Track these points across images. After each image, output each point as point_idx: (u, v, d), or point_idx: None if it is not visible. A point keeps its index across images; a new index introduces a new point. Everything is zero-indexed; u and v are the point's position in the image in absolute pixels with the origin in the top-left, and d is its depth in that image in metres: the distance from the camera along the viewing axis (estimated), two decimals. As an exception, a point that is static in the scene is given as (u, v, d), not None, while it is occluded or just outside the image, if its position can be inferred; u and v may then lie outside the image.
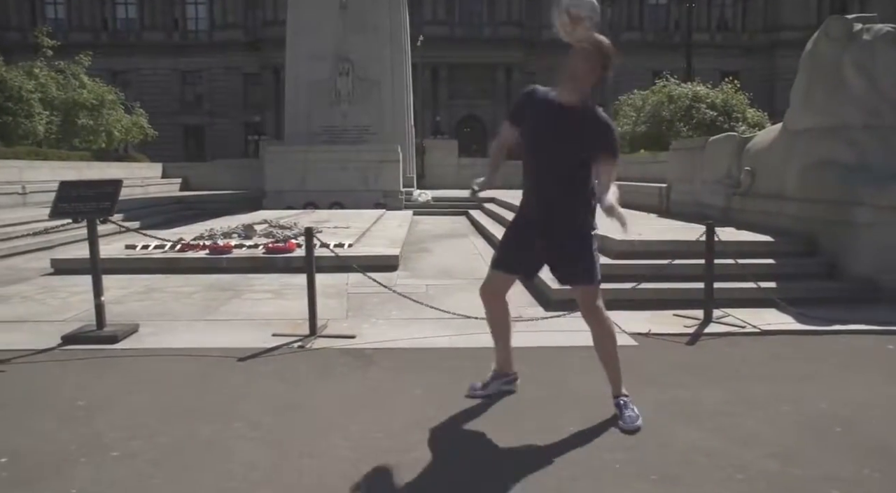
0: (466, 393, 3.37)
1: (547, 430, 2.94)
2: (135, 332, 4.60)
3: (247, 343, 4.33)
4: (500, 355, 3.44)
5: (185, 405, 3.25)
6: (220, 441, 2.79)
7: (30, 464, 2.59)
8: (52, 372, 3.82)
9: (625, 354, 4.16)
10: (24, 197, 12.75)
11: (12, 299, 5.87)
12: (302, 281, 6.50)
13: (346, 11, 17.22)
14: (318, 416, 3.11)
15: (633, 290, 5.38)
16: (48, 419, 3.07)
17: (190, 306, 5.53)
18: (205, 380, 3.64)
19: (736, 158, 7.97)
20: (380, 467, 2.58)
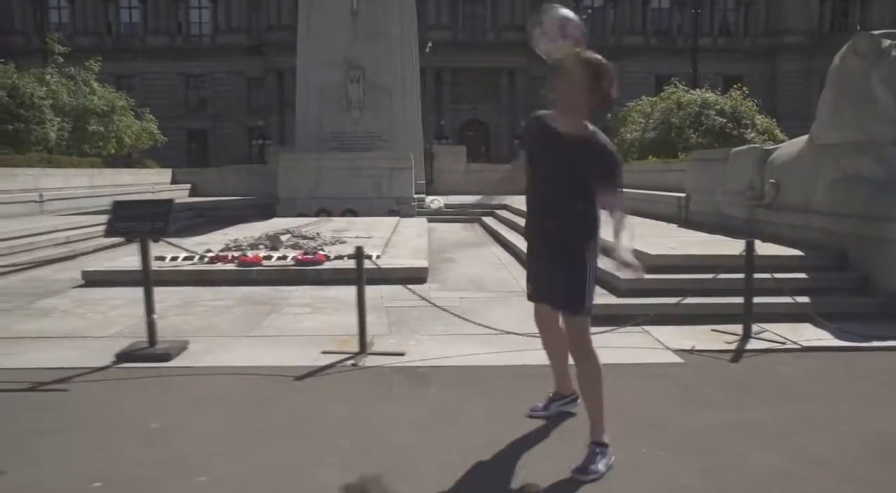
0: (527, 413, 3.42)
1: (615, 451, 3.00)
2: (185, 349, 4.66)
3: (298, 361, 4.38)
4: (557, 377, 3.44)
5: (256, 428, 3.30)
6: (302, 466, 2.85)
7: (122, 489, 2.65)
8: (114, 392, 3.86)
9: (672, 371, 4.28)
10: (41, 205, 12.78)
11: (52, 313, 5.91)
12: (335, 294, 6.63)
13: (358, 19, 17.30)
14: (391, 438, 3.17)
15: (666, 304, 5.43)
16: (126, 442, 3.12)
17: (231, 321, 5.59)
18: (267, 401, 3.69)
19: (759, 169, 8.04)
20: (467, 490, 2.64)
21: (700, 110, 17.54)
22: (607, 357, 4.42)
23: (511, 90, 39.96)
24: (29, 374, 4.13)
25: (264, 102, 40.03)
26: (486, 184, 21.66)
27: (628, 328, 5.05)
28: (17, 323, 5.53)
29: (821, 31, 39.41)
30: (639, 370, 4.25)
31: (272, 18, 39.65)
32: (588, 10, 42.18)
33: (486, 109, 40.27)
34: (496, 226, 13.21)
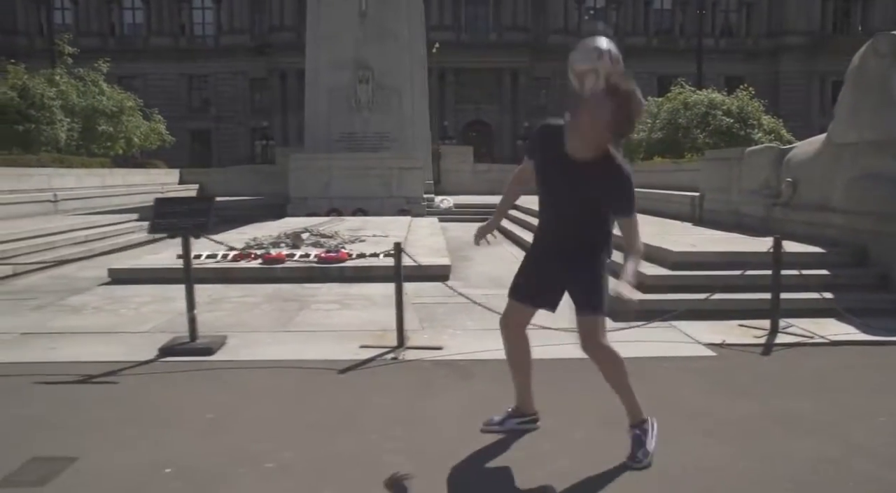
0: (481, 427, 3.21)
1: (667, 441, 3.09)
2: (224, 344, 4.74)
3: (338, 355, 4.46)
4: (518, 392, 3.24)
5: (309, 418, 3.38)
6: (365, 454, 2.93)
7: (194, 475, 2.73)
8: (164, 384, 3.95)
9: (706, 364, 4.37)
10: (55, 205, 12.86)
11: (84, 309, 5.99)
12: (361, 291, 6.72)
13: (366, 20, 17.40)
14: (444, 428, 3.26)
15: (694, 300, 5.52)
16: (186, 431, 3.20)
17: (262, 317, 5.67)
18: (316, 393, 3.78)
19: (775, 168, 8.14)
20: (533, 477, 2.73)
21: (707, 111, 17.62)
22: (642, 351, 4.57)
23: (514, 90, 40.07)
24: (75, 367, 4.21)
25: (267, 102, 40.12)
26: (493, 184, 21.75)
27: (657, 323, 5.14)
28: (53, 319, 5.61)
29: (823, 32, 39.56)
30: (675, 363, 4.35)
31: (275, 19, 39.74)
32: (590, 10, 42.36)
33: (489, 109, 40.37)
34: (508, 225, 13.29)
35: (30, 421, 3.34)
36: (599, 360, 2.92)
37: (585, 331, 2.89)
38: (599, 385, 3.05)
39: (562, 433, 3.20)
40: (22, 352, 4.64)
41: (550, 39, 40.37)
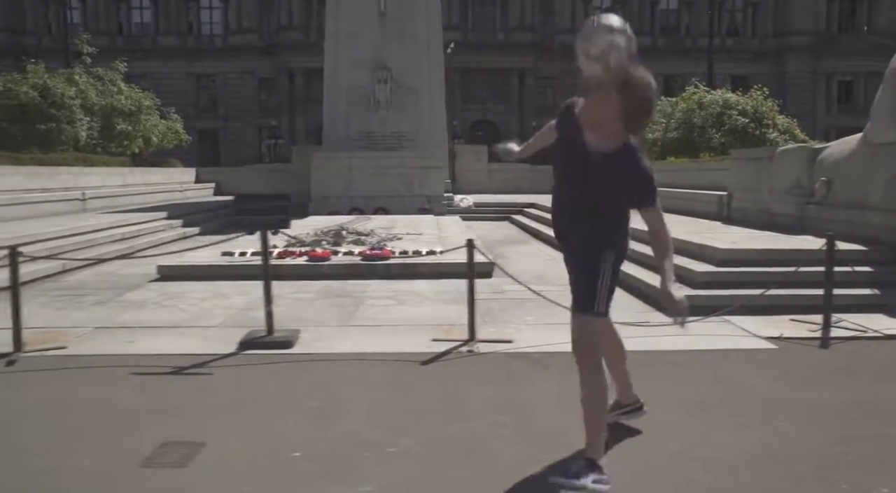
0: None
1: (756, 426, 3.24)
2: (299, 337, 4.88)
3: (412, 348, 4.61)
4: (616, 386, 3.15)
5: (410, 407, 3.53)
6: (476, 439, 3.08)
7: (323, 458, 2.88)
8: (254, 375, 4.10)
9: (770, 356, 4.53)
10: (83, 203, 12.98)
11: (146, 305, 6.14)
12: (410, 288, 6.88)
13: (385, 20, 17.51)
14: (544, 414, 3.41)
15: (747, 296, 5.66)
16: (295, 419, 3.35)
17: (322, 313, 5.82)
18: (407, 383, 3.93)
19: (807, 168, 8.29)
20: (642, 458, 2.88)
21: (722, 111, 17.79)
22: (703, 344, 4.73)
23: (521, 90, 40.22)
24: (162, 359, 4.36)
25: (275, 102, 40.24)
26: (507, 183, 21.89)
27: (711, 318, 5.29)
28: (120, 314, 5.76)
29: (828, 32, 39.72)
30: (740, 355, 4.50)
31: (283, 19, 39.85)
32: (596, 10, 42.46)
33: (495, 109, 40.50)
34: (531, 223, 13.47)
35: (145, 409, 3.48)
36: (582, 369, 2.73)
37: (574, 329, 2.76)
38: (671, 378, 3.20)
39: (655, 420, 3.34)
40: (103, 345, 4.78)
41: (557, 39, 40.47)
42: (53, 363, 4.34)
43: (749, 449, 3.00)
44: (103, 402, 3.60)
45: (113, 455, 2.89)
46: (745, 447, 3.02)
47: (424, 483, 2.66)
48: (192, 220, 13.09)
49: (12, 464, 2.84)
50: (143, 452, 2.92)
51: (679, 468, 2.83)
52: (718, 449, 3.00)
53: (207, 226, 13.19)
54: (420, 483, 2.66)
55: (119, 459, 2.85)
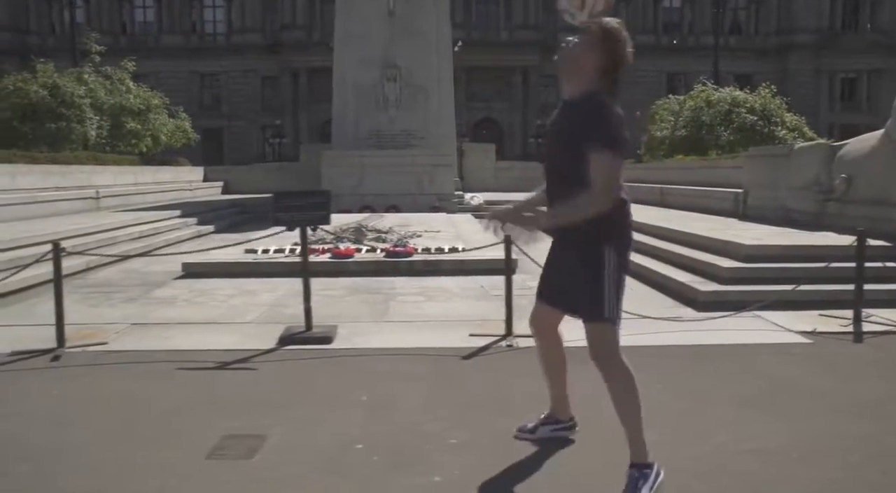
0: (514, 434, 3.06)
1: (803, 418, 3.28)
2: (336, 333, 4.92)
3: (452, 343, 4.66)
4: (552, 396, 3.06)
5: (462, 400, 3.57)
6: (533, 431, 3.12)
7: (386, 450, 2.92)
8: (299, 370, 4.14)
9: (806, 350, 4.57)
10: (97, 201, 13.02)
11: (176, 302, 6.18)
12: (437, 284, 6.93)
13: (394, 18, 17.56)
14: (594, 407, 3.44)
15: (778, 291, 5.69)
16: (350, 412, 3.39)
17: (355, 309, 5.86)
18: (452, 377, 3.97)
19: (826, 165, 8.34)
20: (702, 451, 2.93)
21: (730, 109, 17.85)
22: (738, 338, 4.78)
23: (524, 89, 40.27)
24: (204, 355, 4.40)
25: (279, 101, 40.26)
26: (515, 181, 21.99)
27: (743, 313, 5.33)
28: (153, 311, 5.80)
29: (832, 30, 39.77)
30: (776, 349, 4.54)
31: (286, 18, 39.88)
32: (599, 9, 42.50)
33: (499, 107, 40.56)
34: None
35: (198, 403, 3.53)
36: (606, 375, 2.60)
37: (589, 340, 2.60)
38: (712, 371, 3.24)
39: (701, 413, 3.39)
40: (143, 341, 4.83)
41: (561, 38, 40.46)
42: (97, 359, 4.38)
43: (800, 441, 3.04)
44: (156, 396, 3.64)
45: (179, 448, 2.93)
46: (795, 439, 3.06)
47: (491, 474, 2.70)
48: (206, 218, 13.14)
49: (83, 456, 2.89)
50: (207, 444, 2.96)
51: (731, 459, 2.87)
52: (769, 441, 3.04)
53: (221, 224, 13.25)
54: (487, 474, 2.70)
55: (186, 451, 2.89)
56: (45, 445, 3.00)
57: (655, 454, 2.87)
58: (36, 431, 3.17)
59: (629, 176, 16.03)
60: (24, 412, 3.42)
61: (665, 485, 2.53)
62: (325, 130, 38.99)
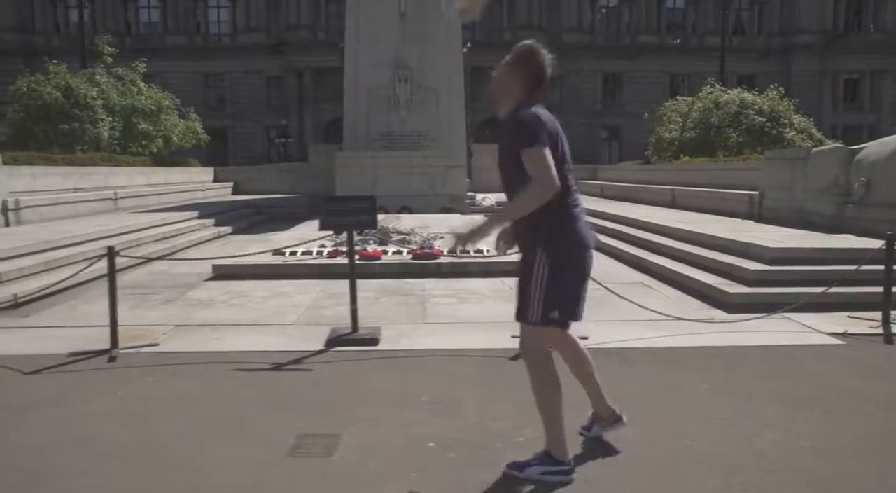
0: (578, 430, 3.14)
1: (855, 416, 3.41)
2: (381, 335, 5.04)
3: (495, 344, 4.77)
4: (591, 398, 3.11)
5: (517, 399, 3.63)
6: (596, 428, 3.25)
7: (459, 448, 3.04)
8: (353, 370, 4.27)
9: (841, 351, 4.70)
10: (115, 202, 13.13)
11: (214, 304, 6.30)
12: (466, 286, 7.05)
13: (405, 20, 17.66)
14: (647, 405, 3.58)
15: (807, 294, 5.80)
16: (414, 411, 3.51)
17: (392, 311, 5.98)
18: (504, 377, 4.08)
19: (844, 168, 8.47)
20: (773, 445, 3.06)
21: (739, 110, 17.96)
22: (772, 339, 4.90)
23: (528, 89, 40.34)
24: (255, 356, 4.53)
25: (284, 101, 40.33)
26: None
27: (773, 315, 5.46)
28: (194, 313, 5.92)
29: (835, 31, 39.90)
30: (812, 350, 4.67)
31: (291, 18, 39.94)
32: (602, 9, 42.64)
33: (503, 107, 40.61)
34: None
35: (263, 403, 3.65)
36: (530, 374, 2.77)
37: (521, 337, 2.83)
38: (753, 372, 3.36)
39: (752, 412, 3.51)
40: (192, 342, 4.95)
41: (564, 38, 40.63)
42: (153, 360, 4.50)
43: (854, 438, 3.17)
44: (221, 396, 3.77)
45: (259, 446, 3.05)
46: (849, 436, 3.19)
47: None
48: (223, 219, 13.24)
49: (167, 454, 3.00)
50: (286, 443, 3.08)
51: (790, 456, 2.99)
52: (824, 439, 3.16)
53: (238, 225, 13.35)
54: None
55: (267, 450, 3.01)
56: (126, 443, 3.12)
57: (717, 452, 3.01)
58: (114, 430, 3.29)
59: (637, 177, 16.29)
60: (98, 412, 3.54)
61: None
62: (330, 129, 39.13)
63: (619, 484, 2.71)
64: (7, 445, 3.13)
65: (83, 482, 2.74)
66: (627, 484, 2.72)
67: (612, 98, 42.28)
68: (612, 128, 41.79)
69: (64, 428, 3.31)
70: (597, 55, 40.87)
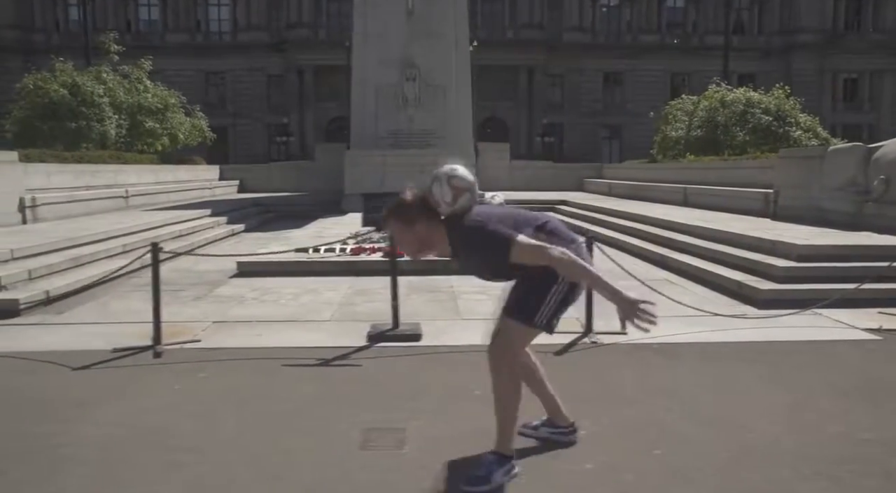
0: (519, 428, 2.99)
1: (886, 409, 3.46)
2: (421, 330, 5.07)
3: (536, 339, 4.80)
4: (547, 407, 3.16)
5: (573, 393, 3.65)
6: (655, 421, 3.29)
7: (528, 439, 3.07)
8: (400, 365, 4.29)
9: (879, 346, 4.75)
10: (126, 200, 13.11)
11: (245, 301, 6.32)
12: (495, 284, 7.04)
13: (413, 19, 17.66)
14: (701, 399, 3.62)
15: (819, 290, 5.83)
16: (471, 405, 3.52)
17: (425, 307, 6.01)
18: (552, 371, 4.06)
19: (862, 166, 8.53)
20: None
21: (745, 109, 18.04)
22: (809, 335, 4.95)
23: (529, 88, 40.44)
24: (300, 352, 4.55)
25: (284, 99, 40.29)
26: (529, 180, 22.09)
27: (805, 311, 5.51)
28: (227, 309, 5.94)
29: (834, 31, 40.09)
30: (850, 346, 4.72)
31: (292, 16, 39.91)
32: (603, 8, 42.74)
33: (504, 106, 40.72)
34: (572, 221, 13.68)
35: (323, 397, 3.67)
36: (498, 369, 2.84)
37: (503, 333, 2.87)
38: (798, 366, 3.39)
39: (809, 406, 3.55)
40: (233, 339, 4.97)
41: (565, 37, 40.77)
42: (198, 356, 4.51)
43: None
44: (277, 392, 3.79)
45: (330, 440, 3.08)
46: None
47: (639, 461, 2.86)
48: (235, 217, 13.23)
49: (241, 447, 3.02)
50: (354, 437, 3.11)
51: (855, 448, 3.03)
52: (885, 430, 3.21)
53: (250, 223, 13.35)
54: (635, 461, 2.86)
55: (338, 443, 3.04)
56: (198, 437, 3.14)
57: (783, 443, 3.05)
58: (182, 424, 3.31)
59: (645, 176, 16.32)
60: (160, 407, 3.56)
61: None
62: (331, 128, 39.11)
63: (700, 472, 2.75)
64: (80, 437, 3.14)
65: (171, 475, 2.76)
66: (708, 472, 2.75)
67: (613, 97, 42.41)
68: (612, 127, 41.91)
69: (131, 422, 3.33)
70: (597, 54, 40.99)
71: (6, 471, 2.80)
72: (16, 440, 3.10)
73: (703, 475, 2.73)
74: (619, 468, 2.79)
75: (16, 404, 3.63)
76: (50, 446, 3.04)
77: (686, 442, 3.06)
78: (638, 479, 2.70)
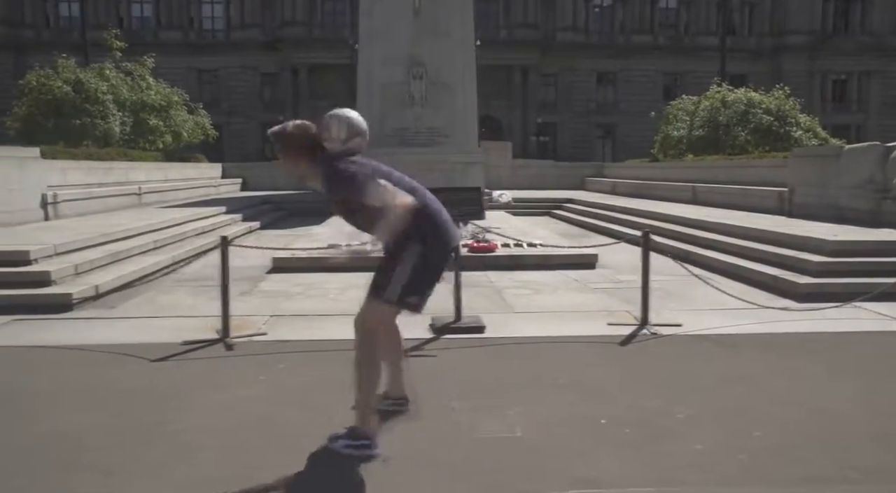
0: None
1: None
2: (483, 323, 5.17)
3: (595, 331, 4.94)
4: (391, 379, 3.33)
5: (654, 381, 3.85)
6: (749, 408, 3.42)
7: (628, 424, 3.19)
8: (477, 357, 4.40)
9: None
10: (139, 197, 13.07)
11: (293, 296, 6.39)
12: (532, 278, 7.21)
13: (419, 17, 17.73)
14: (776, 385, 3.75)
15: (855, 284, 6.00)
16: (562, 394, 3.65)
17: (473, 301, 6.02)
18: (624, 361, 4.26)
19: (880, 165, 8.75)
20: None
21: (747, 109, 18.31)
22: (855, 326, 5.12)
23: (523, 87, 40.60)
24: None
25: (278, 98, 40.13)
26: (531, 179, 22.30)
27: (846, 304, 5.67)
28: (279, 304, 6.01)
29: (823, 32, 40.68)
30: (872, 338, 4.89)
31: (286, 14, 39.75)
32: (596, 8, 43.00)
33: (498, 105, 40.86)
34: (580, 218, 13.87)
35: (415, 387, 3.75)
36: (358, 345, 3.07)
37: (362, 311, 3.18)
38: (853, 355, 3.52)
39: (882, 391, 3.70)
40: (296, 332, 5.05)
41: (559, 36, 41.02)
42: (269, 348, 4.58)
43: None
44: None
45: (437, 426, 3.17)
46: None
47: (744, 443, 2.98)
48: (249, 214, 13.25)
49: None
50: (462, 423, 3.20)
51: None
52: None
53: (264, 220, 13.38)
54: (740, 443, 2.98)
55: (451, 429, 3.13)
56: (309, 425, 3.21)
57: (865, 426, 3.19)
58: (282, 412, 3.39)
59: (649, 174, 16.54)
60: (254, 396, 3.63)
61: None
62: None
63: (807, 451, 2.88)
64: (193, 425, 3.21)
65: (296, 460, 2.84)
66: (815, 451, 2.88)
67: (606, 97, 42.70)
68: (605, 126, 42.20)
69: (234, 411, 3.40)
70: (591, 54, 41.25)
71: (141, 455, 2.86)
72: (134, 429, 3.17)
73: (811, 455, 2.86)
74: (730, 449, 2.91)
75: (113, 394, 3.68)
76: (168, 433, 3.11)
77: (780, 425, 3.19)
78: (751, 459, 2.82)
